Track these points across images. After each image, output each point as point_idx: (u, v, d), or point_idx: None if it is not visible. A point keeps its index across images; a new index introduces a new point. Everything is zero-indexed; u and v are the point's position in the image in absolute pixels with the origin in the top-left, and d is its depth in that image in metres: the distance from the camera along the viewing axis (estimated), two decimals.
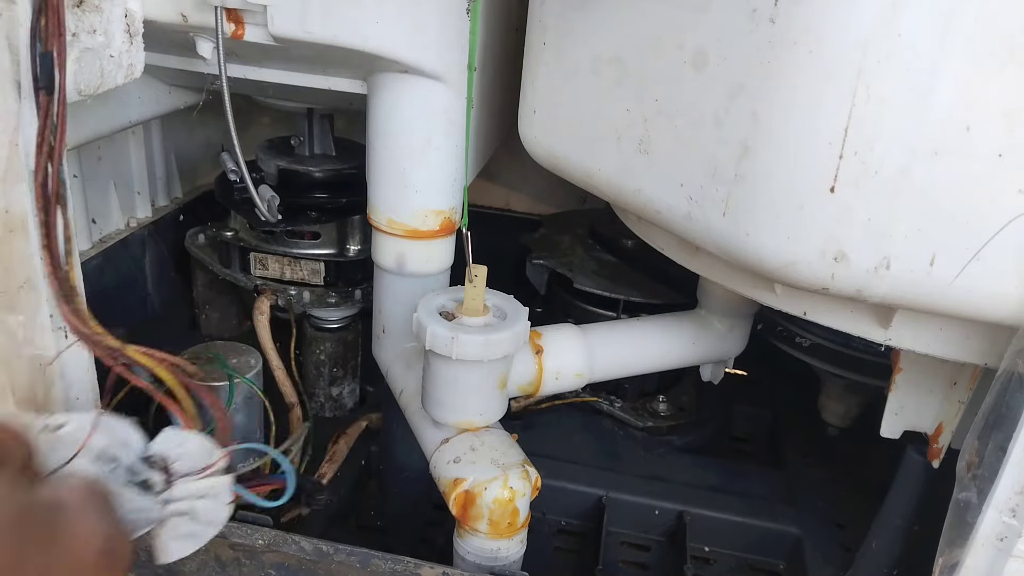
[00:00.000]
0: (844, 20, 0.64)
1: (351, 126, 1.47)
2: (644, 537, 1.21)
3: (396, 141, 1.01)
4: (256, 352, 1.13)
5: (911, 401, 0.94)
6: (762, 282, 0.86)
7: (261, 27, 0.91)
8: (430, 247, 1.08)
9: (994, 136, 0.63)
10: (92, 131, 1.16)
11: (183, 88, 1.30)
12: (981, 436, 0.71)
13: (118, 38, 0.84)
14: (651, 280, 1.32)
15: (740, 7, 0.70)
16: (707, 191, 0.77)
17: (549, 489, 1.08)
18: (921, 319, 0.78)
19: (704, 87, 0.75)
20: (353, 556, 0.89)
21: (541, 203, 1.73)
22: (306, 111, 1.34)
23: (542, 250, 1.41)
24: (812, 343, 1.23)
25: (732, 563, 1.19)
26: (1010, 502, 0.69)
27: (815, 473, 1.31)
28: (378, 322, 1.16)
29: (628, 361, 1.16)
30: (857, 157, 0.66)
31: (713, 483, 1.24)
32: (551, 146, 0.98)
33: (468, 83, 0.99)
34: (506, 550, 0.91)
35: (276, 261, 1.31)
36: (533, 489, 0.91)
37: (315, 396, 1.34)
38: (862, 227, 0.68)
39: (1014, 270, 0.66)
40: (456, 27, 0.95)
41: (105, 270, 1.32)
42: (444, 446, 0.95)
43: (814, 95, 0.67)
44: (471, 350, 0.88)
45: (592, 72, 0.88)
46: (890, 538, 1.01)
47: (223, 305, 1.47)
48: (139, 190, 1.42)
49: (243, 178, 1.04)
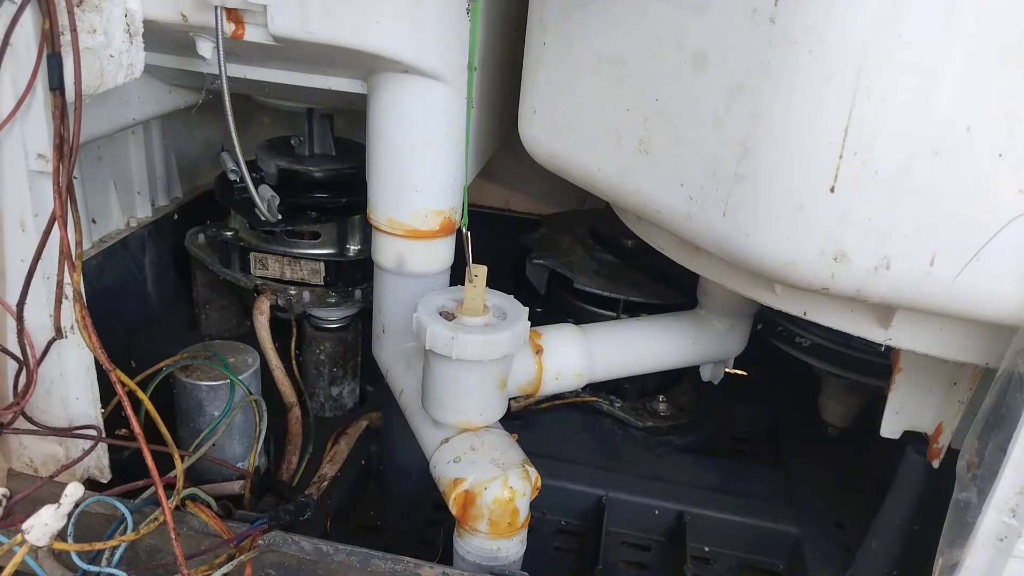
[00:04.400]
0: (844, 20, 0.64)
1: (351, 126, 1.47)
2: (644, 537, 1.21)
3: (396, 141, 1.01)
4: (254, 351, 1.13)
5: (911, 401, 0.94)
6: (762, 282, 0.86)
7: (261, 27, 0.91)
8: (430, 247, 1.08)
9: (994, 136, 0.63)
10: (92, 131, 1.16)
11: (183, 88, 1.30)
12: (981, 436, 0.71)
13: (118, 38, 0.85)
14: (651, 280, 1.32)
15: (740, 7, 0.70)
16: (707, 191, 0.77)
17: (549, 489, 1.08)
18: (921, 319, 0.78)
19: (704, 87, 0.75)
20: (353, 556, 0.89)
21: (541, 203, 1.72)
22: (306, 111, 1.34)
23: (542, 250, 1.41)
24: (812, 343, 1.23)
25: (732, 563, 1.19)
26: (1010, 502, 0.69)
27: (815, 473, 1.31)
28: (378, 322, 1.16)
29: (628, 361, 1.16)
30: (857, 157, 0.66)
31: (713, 483, 1.24)
32: (551, 146, 0.98)
33: (468, 83, 0.99)
34: (506, 550, 0.91)
35: (276, 261, 1.31)
36: (533, 489, 0.91)
37: (315, 396, 1.34)
38: (862, 227, 0.68)
39: (1014, 270, 0.66)
40: (456, 27, 0.95)
41: (105, 270, 1.32)
42: (444, 446, 0.95)
43: (814, 95, 0.67)
44: (471, 350, 0.88)
45: (592, 72, 0.88)
46: (890, 538, 1.01)
47: (223, 305, 1.47)
48: (139, 190, 1.42)
49: (243, 178, 1.04)
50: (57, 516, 0.78)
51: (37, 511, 0.77)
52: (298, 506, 0.96)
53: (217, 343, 1.14)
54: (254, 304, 1.26)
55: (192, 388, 1.04)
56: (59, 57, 0.74)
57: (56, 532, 0.78)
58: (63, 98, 0.75)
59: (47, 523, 0.77)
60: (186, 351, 1.09)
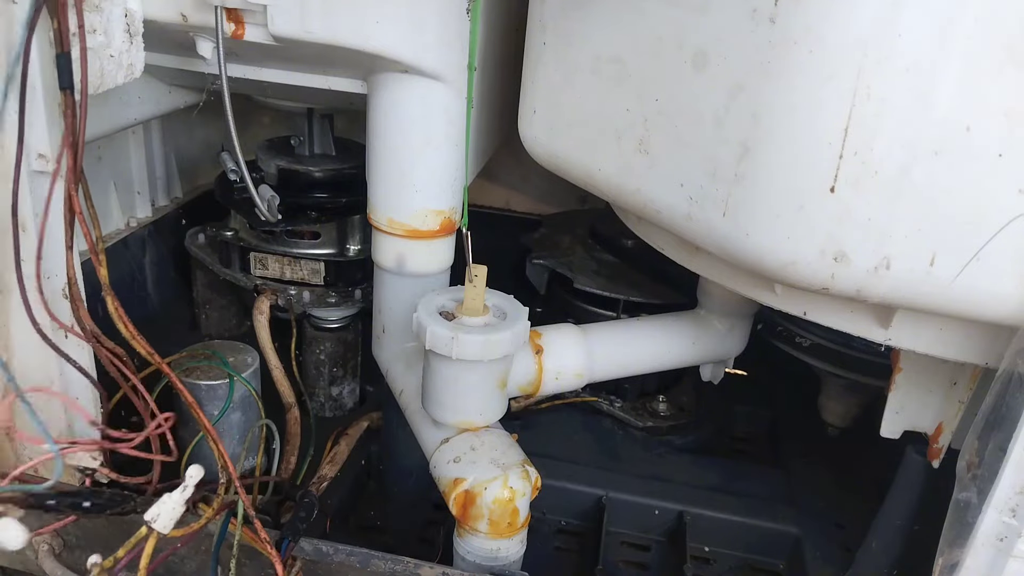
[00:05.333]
0: (844, 20, 0.64)
1: (351, 126, 1.47)
2: (644, 537, 1.21)
3: (396, 141, 1.01)
4: (253, 350, 1.13)
5: (911, 401, 0.94)
6: (762, 282, 0.86)
7: (261, 27, 0.91)
8: (430, 247, 1.08)
9: (994, 136, 0.63)
10: (92, 131, 1.15)
11: (183, 88, 1.30)
12: (981, 436, 0.71)
13: (118, 38, 0.84)
14: (651, 280, 1.32)
15: (740, 7, 0.70)
16: (707, 191, 0.77)
17: (549, 489, 1.07)
18: (921, 319, 0.78)
19: (704, 87, 0.75)
20: (353, 556, 0.89)
21: (541, 203, 1.73)
22: (306, 111, 1.34)
23: (542, 250, 1.41)
24: (812, 343, 1.23)
25: (732, 563, 1.19)
26: (1010, 502, 0.69)
27: (815, 473, 1.31)
28: (378, 322, 1.16)
29: (628, 361, 1.16)
30: (857, 157, 0.66)
31: (713, 483, 1.24)
32: (551, 146, 0.98)
33: (468, 83, 0.99)
34: (506, 550, 0.91)
35: (276, 261, 1.31)
36: (533, 489, 0.91)
37: (315, 396, 1.34)
38: (862, 227, 0.68)
39: (1013, 270, 0.66)
40: (456, 27, 0.95)
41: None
42: (444, 446, 0.95)
43: (814, 95, 0.67)
44: (471, 350, 0.88)
45: (592, 72, 0.88)
46: (890, 538, 1.01)
47: (223, 305, 1.47)
48: (139, 190, 1.42)
49: (243, 178, 1.04)
50: (181, 501, 0.77)
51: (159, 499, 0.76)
52: (305, 508, 0.96)
53: (217, 343, 1.14)
54: (254, 304, 1.26)
55: (191, 388, 1.04)
56: (68, 56, 0.74)
57: (178, 518, 0.77)
58: (73, 97, 0.75)
59: (173, 508, 0.76)
60: (186, 351, 1.09)
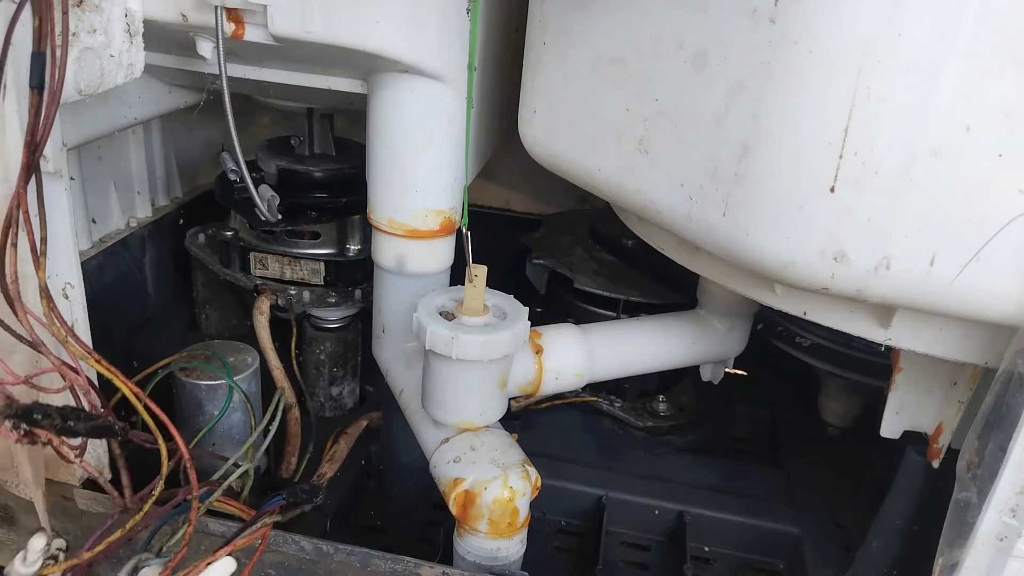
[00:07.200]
0: (844, 20, 0.64)
1: (351, 126, 1.47)
2: (644, 537, 1.21)
3: (396, 141, 1.01)
4: (253, 350, 1.13)
5: (911, 401, 0.94)
6: (762, 282, 0.86)
7: (261, 27, 0.91)
8: (430, 247, 1.08)
9: (994, 136, 0.63)
10: (92, 131, 1.16)
11: (183, 88, 1.30)
12: (981, 436, 0.71)
13: (118, 38, 0.84)
14: (651, 280, 1.32)
15: (740, 7, 0.70)
16: (707, 191, 0.77)
17: (549, 489, 1.08)
18: (921, 319, 0.78)
19: (704, 87, 0.75)
20: (353, 556, 0.89)
21: (541, 203, 1.72)
22: (306, 111, 1.34)
23: (542, 250, 1.41)
24: (812, 343, 1.23)
25: (732, 563, 1.19)
26: (1010, 502, 0.69)
27: (815, 473, 1.31)
28: (378, 322, 1.16)
29: (628, 361, 1.16)
30: (857, 157, 0.66)
31: (713, 483, 1.24)
32: (551, 146, 0.98)
33: (468, 83, 0.99)
34: (506, 550, 0.91)
35: (276, 261, 1.31)
36: (533, 489, 0.91)
37: (315, 396, 1.34)
38: (862, 227, 0.68)
39: (1014, 270, 0.66)
40: (456, 27, 0.95)
41: (105, 270, 1.32)
42: (444, 446, 0.95)
43: (814, 95, 0.67)
44: (471, 350, 0.88)
45: (592, 72, 0.88)
46: (890, 538, 1.01)
47: (223, 305, 1.47)
48: (139, 190, 1.42)
49: (243, 178, 1.04)
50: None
51: None
52: (312, 488, 0.96)
53: (217, 343, 1.14)
54: (254, 304, 1.26)
55: (191, 388, 1.04)
56: (43, 56, 0.73)
57: None
58: (40, 97, 0.74)
59: None
60: (186, 351, 1.09)
